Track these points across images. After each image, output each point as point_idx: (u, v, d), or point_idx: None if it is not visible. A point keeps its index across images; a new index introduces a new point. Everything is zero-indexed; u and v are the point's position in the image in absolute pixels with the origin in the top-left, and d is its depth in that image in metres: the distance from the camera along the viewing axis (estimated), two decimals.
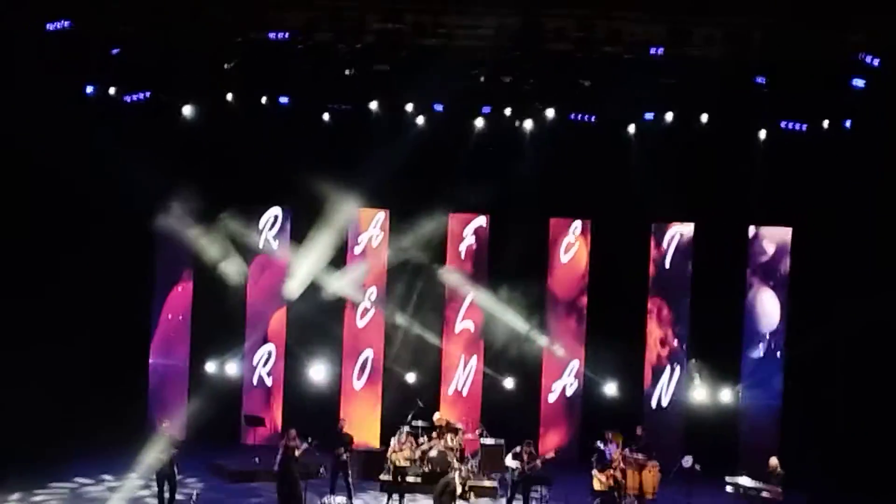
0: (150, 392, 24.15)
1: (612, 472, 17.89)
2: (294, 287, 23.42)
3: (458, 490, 16.36)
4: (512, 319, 23.52)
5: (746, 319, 23.44)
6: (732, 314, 23.34)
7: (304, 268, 23.35)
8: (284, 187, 22.89)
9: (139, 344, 24.05)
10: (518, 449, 18.93)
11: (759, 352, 23.38)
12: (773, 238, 23.48)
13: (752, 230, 23.53)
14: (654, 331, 23.85)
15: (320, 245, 23.34)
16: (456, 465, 16.76)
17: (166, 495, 18.00)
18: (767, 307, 23.43)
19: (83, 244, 22.14)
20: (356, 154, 22.68)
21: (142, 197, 22.53)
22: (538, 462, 18.55)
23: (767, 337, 23.36)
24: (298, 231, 23.82)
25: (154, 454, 18.08)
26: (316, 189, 22.48)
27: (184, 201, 22.90)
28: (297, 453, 18.39)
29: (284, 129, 22.69)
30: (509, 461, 18.95)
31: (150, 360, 24.27)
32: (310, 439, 18.73)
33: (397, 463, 19.40)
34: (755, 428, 23.07)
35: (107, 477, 20.39)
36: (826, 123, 21.68)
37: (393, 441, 20.02)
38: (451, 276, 23.83)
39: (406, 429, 20.44)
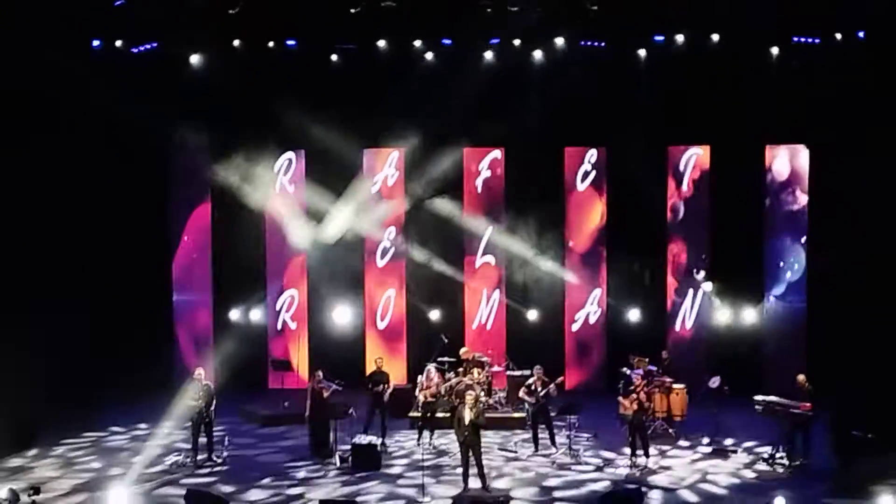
0: (177, 331, 24.37)
1: (635, 396, 17.89)
2: (316, 233, 23.44)
3: (468, 418, 16.37)
4: (532, 251, 23.54)
5: (767, 237, 23.41)
6: (753, 233, 23.32)
7: (323, 212, 23.38)
8: (297, 131, 22.71)
9: (162, 281, 24.17)
10: (529, 380, 19.01)
11: (782, 268, 23.37)
12: (791, 156, 23.36)
13: (769, 149, 23.39)
14: (674, 254, 23.82)
15: (336, 188, 23.36)
16: (470, 395, 16.75)
17: (202, 441, 18.15)
18: (788, 223, 23.38)
19: (99, 190, 22.16)
20: (367, 94, 22.55)
21: (155, 142, 22.82)
22: (552, 388, 18.60)
23: (790, 254, 23.34)
24: (313, 174, 23.78)
25: (188, 401, 18.20)
26: (328, 131, 22.42)
27: (197, 147, 22.87)
28: (325, 395, 18.52)
29: (293, 72, 22.56)
30: (523, 395, 19.03)
31: (174, 297, 24.41)
32: (337, 381, 18.88)
33: (425, 399, 19.50)
34: (780, 346, 23.14)
35: (142, 425, 20.62)
36: (839, 36, 21.42)
37: (420, 378, 20.08)
38: (469, 211, 23.81)
39: (432, 365, 20.49)
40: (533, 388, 18.79)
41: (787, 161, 23.36)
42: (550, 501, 16.04)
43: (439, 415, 19.44)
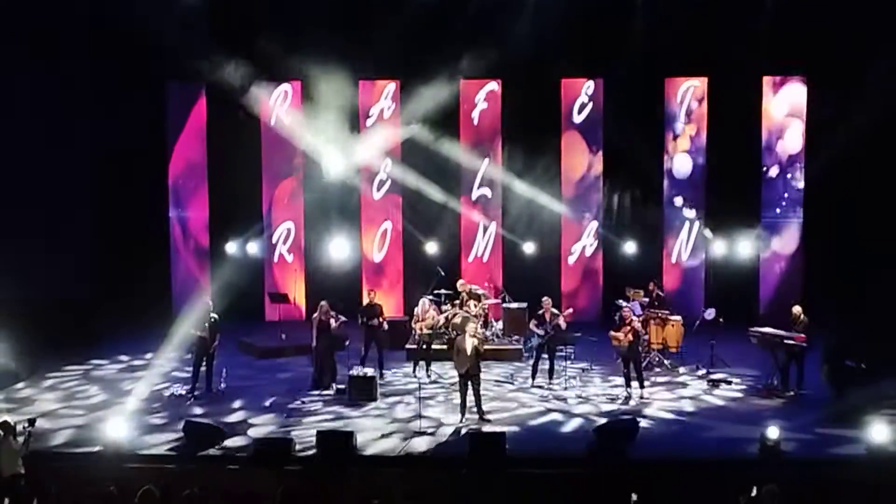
0: (174, 252, 24.47)
1: (627, 327, 17.90)
2: (316, 166, 23.39)
3: (469, 348, 16.40)
4: (528, 183, 23.51)
5: (763, 170, 23.42)
6: (749, 164, 23.33)
7: (320, 144, 23.28)
8: (293, 62, 22.50)
9: (158, 199, 24.29)
10: (540, 311, 19.02)
11: (777, 201, 23.44)
12: (788, 85, 23.29)
13: (766, 81, 23.31)
14: (670, 185, 23.80)
15: (332, 119, 23.22)
16: (469, 327, 16.76)
17: (202, 371, 18.20)
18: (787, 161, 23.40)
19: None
20: (364, 25, 22.38)
21: (152, 70, 22.95)
22: (560, 320, 18.62)
23: (786, 184, 23.39)
24: (309, 106, 23.57)
25: (193, 331, 18.18)
26: (325, 63, 22.24)
27: (193, 76, 22.83)
28: (332, 325, 18.52)
29: (289, 2, 22.34)
30: (533, 327, 19.05)
31: (170, 213, 24.46)
32: (337, 314, 18.85)
33: (422, 332, 19.57)
34: (776, 278, 23.28)
35: (148, 355, 20.73)
36: None
37: (416, 310, 20.14)
38: (465, 143, 23.71)
39: (429, 298, 20.55)
40: (543, 319, 18.84)
41: (785, 89, 23.32)
42: (546, 433, 16.11)
43: (436, 347, 19.54)
